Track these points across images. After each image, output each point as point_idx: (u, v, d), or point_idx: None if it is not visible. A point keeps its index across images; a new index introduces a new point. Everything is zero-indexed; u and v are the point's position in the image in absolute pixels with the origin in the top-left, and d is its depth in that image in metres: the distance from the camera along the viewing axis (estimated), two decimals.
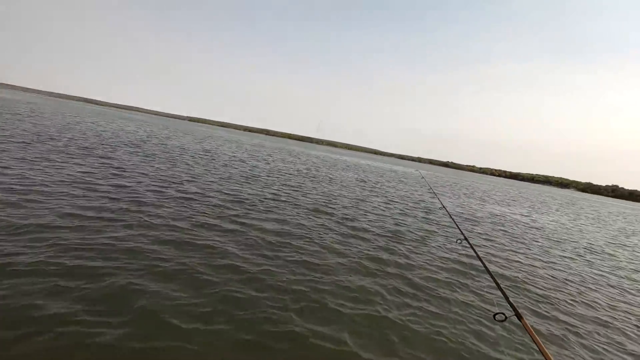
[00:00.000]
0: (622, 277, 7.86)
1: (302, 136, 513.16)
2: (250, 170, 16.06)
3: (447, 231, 9.42)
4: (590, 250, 10.49)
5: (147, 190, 8.22)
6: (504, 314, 1.86)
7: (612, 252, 10.85)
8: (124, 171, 10.10)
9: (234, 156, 22.25)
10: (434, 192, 9.13)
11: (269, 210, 8.31)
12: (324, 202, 10.80)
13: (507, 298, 2.03)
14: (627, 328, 4.99)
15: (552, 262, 8.05)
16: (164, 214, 6.54)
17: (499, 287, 2.24)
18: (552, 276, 6.89)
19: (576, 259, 8.94)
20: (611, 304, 5.91)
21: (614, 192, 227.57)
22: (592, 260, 9.22)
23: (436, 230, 9.27)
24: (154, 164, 12.38)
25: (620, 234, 16.83)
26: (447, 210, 6.18)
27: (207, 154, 20.46)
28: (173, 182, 9.69)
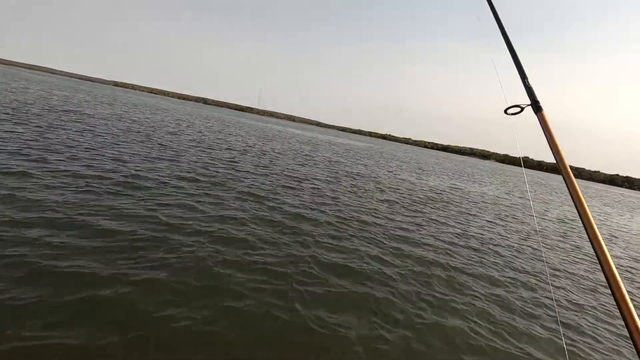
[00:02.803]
0: None
1: (242, 106, 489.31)
2: (180, 145, 13.22)
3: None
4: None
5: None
6: (519, 105, 1.35)
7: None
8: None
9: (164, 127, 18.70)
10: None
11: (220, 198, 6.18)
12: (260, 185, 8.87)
13: (529, 89, 1.39)
14: None
15: None
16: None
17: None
18: None
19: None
20: None
21: (525, 162, 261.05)
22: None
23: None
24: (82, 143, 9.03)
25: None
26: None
27: (134, 124, 16.75)
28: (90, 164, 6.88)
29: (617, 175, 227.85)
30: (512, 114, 1.37)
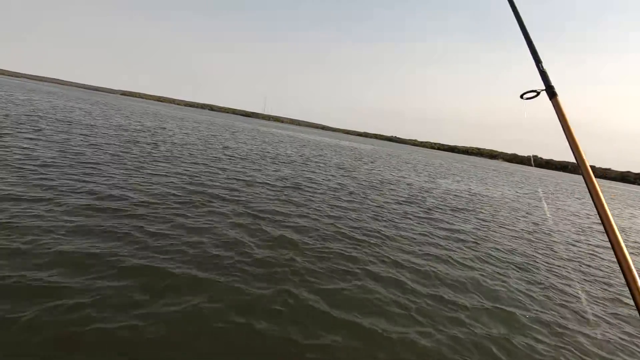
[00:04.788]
0: None
1: (248, 112, 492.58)
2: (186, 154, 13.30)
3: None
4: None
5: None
6: (535, 90, 1.32)
7: None
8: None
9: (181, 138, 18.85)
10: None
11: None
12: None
13: (544, 74, 1.34)
14: None
15: None
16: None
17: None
18: None
19: None
20: None
21: (535, 161, 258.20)
22: None
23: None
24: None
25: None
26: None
27: (154, 135, 16.92)
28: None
29: (629, 172, 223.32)
30: (528, 99, 1.34)
